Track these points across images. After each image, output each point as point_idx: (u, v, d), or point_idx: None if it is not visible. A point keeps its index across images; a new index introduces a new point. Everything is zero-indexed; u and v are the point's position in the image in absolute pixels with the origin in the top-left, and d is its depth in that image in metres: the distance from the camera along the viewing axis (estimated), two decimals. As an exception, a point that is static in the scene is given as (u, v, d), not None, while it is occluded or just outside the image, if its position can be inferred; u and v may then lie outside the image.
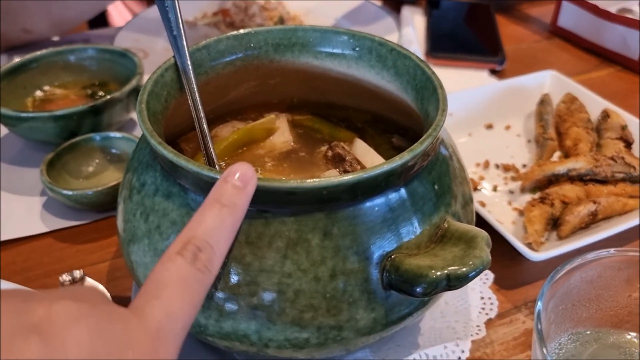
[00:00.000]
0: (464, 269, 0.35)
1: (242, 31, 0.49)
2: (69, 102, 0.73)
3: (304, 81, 0.52)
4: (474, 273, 0.35)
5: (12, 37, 0.90)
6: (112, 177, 0.64)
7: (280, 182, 0.34)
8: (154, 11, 0.98)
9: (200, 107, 0.44)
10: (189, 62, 0.45)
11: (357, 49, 0.49)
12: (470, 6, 1.05)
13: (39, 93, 0.75)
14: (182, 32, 0.45)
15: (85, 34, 1.01)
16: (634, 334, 0.40)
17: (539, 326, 0.34)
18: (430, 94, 0.43)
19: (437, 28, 0.97)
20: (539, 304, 0.35)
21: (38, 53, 0.74)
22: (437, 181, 0.40)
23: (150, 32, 0.94)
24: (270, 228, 0.36)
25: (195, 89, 0.45)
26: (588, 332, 0.39)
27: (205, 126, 0.44)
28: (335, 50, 0.50)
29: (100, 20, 1.15)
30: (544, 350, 0.32)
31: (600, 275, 0.38)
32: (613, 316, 0.40)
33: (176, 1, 0.45)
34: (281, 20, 0.99)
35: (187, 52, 0.45)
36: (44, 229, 0.61)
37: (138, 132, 0.74)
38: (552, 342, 0.39)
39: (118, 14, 1.25)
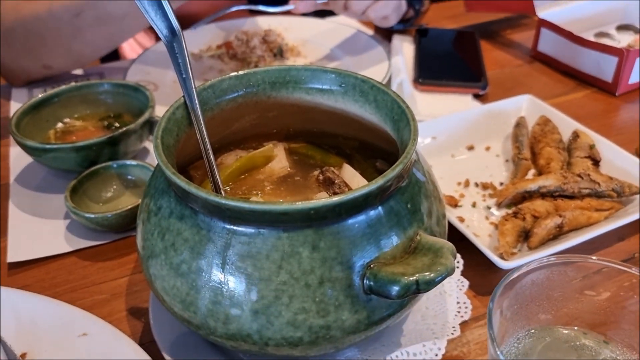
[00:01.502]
0: (431, 275, 0.41)
1: (241, 72, 0.56)
2: (88, 133, 0.80)
3: (298, 113, 0.59)
4: (439, 278, 0.41)
5: (33, 72, 0.98)
6: (128, 201, 0.71)
7: (275, 204, 0.41)
8: (162, 45, 1.05)
9: (207, 139, 0.51)
10: (196, 101, 0.52)
11: (342, 85, 0.56)
12: (456, 34, 1.13)
13: (60, 125, 0.82)
14: (190, 74, 0.52)
15: (100, 67, 1.09)
16: (581, 329, 0.46)
17: (490, 322, 0.40)
18: (405, 125, 0.50)
19: (425, 55, 1.04)
20: (490, 304, 0.41)
21: (58, 89, 0.81)
22: (410, 201, 0.47)
23: (160, 65, 1.01)
24: (267, 243, 0.42)
25: (202, 124, 0.52)
26: (542, 328, 0.46)
27: (211, 157, 0.51)
28: (324, 87, 0.57)
29: (112, 53, 1.23)
30: (494, 344, 0.39)
31: (548, 278, 0.44)
32: (565, 314, 0.46)
33: (185, 48, 0.52)
34: (280, 51, 1.06)
35: (194, 92, 0.52)
36: (68, 249, 0.68)
37: (151, 159, 0.81)
38: (510, 337, 0.45)
39: (129, 47, 1.33)
